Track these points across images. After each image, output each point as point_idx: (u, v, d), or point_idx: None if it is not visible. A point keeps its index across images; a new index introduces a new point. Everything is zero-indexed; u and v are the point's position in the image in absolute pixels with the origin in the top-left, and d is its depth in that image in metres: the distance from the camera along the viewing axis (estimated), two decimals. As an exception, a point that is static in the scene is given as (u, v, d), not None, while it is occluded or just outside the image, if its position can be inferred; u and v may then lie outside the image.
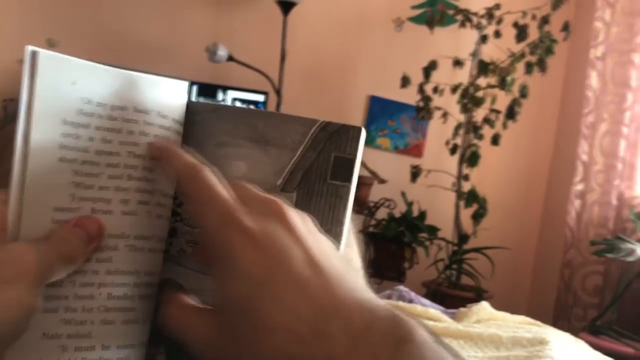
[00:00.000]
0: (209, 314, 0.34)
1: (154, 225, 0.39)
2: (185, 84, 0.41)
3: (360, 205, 2.87)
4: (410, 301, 1.71)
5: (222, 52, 2.74)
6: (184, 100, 0.41)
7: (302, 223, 0.35)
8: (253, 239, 0.32)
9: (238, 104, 2.90)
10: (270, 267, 0.31)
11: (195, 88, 2.87)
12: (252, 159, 0.41)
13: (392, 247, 2.86)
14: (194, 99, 2.85)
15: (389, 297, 1.78)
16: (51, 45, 2.68)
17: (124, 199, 0.37)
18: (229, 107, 0.42)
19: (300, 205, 0.39)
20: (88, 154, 0.35)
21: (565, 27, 2.83)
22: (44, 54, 0.33)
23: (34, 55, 0.33)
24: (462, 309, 1.66)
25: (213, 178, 0.35)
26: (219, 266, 0.33)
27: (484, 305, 1.70)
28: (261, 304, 0.31)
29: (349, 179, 0.40)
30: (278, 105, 2.83)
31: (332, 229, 0.39)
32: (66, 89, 0.34)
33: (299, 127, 0.41)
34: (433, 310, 1.57)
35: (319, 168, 0.40)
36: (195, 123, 0.41)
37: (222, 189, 0.35)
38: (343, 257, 0.35)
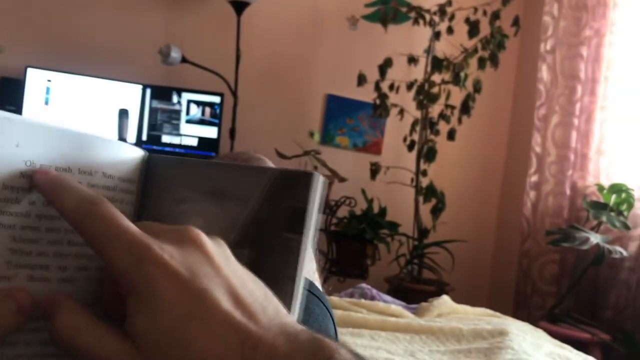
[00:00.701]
0: (127, 341, 0.31)
1: (94, 290, 0.37)
2: (140, 150, 0.40)
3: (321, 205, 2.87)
4: (372, 298, 1.72)
5: (175, 54, 2.71)
6: (135, 157, 0.40)
7: (219, 250, 0.34)
8: (174, 273, 0.31)
9: (193, 105, 2.86)
10: (194, 300, 0.31)
11: (149, 91, 2.82)
12: (209, 214, 0.39)
13: (354, 244, 2.87)
14: (147, 102, 2.80)
15: (351, 296, 1.79)
16: (-3, 50, 2.59)
17: (62, 266, 0.35)
18: (188, 161, 0.41)
19: (252, 262, 0.37)
20: (28, 219, 0.33)
21: (516, 22, 2.89)
22: None
23: None
24: (423, 304, 1.67)
25: (115, 211, 0.32)
26: (137, 300, 0.31)
27: (445, 299, 1.72)
28: (188, 335, 0.30)
29: (301, 231, 0.38)
30: (234, 106, 2.81)
31: (284, 289, 0.37)
32: (9, 151, 0.32)
33: (253, 177, 0.39)
34: (395, 306, 1.58)
35: (272, 220, 0.38)
36: (155, 178, 0.40)
37: (128, 222, 0.32)
38: (259, 282, 0.35)
